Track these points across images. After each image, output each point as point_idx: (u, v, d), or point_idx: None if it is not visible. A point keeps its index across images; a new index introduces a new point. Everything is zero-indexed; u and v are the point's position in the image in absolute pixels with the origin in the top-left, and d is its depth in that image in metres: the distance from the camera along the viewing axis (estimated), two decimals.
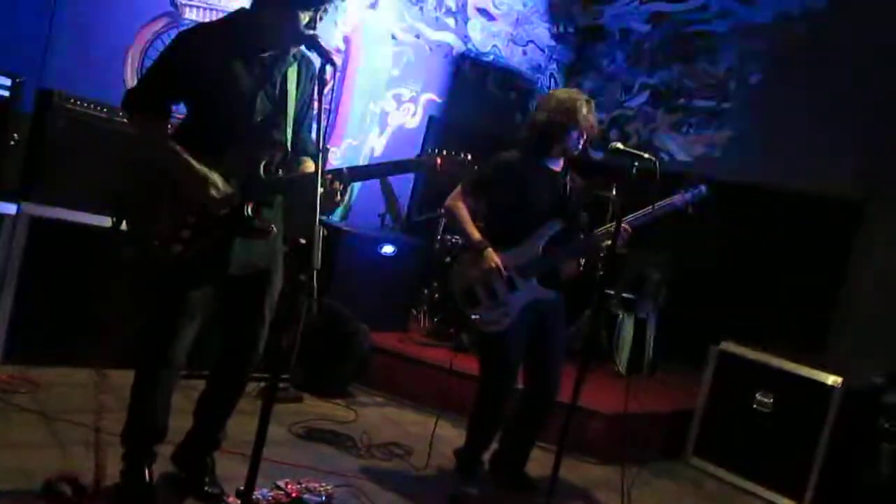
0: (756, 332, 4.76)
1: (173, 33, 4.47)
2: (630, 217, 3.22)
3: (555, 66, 6.65)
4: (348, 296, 4.55)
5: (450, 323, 5.10)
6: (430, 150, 2.65)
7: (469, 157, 2.62)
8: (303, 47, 2.57)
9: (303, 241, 2.21)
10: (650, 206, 3.22)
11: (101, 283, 3.66)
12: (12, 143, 3.59)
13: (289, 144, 2.62)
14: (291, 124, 2.61)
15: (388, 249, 4.87)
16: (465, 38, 6.01)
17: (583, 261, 3.47)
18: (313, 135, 2.63)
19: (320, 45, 2.44)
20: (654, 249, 5.09)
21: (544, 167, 3.37)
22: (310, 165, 2.66)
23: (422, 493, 3.32)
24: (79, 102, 3.68)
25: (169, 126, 2.63)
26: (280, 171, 2.60)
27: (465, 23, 5.97)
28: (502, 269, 3.24)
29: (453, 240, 5.13)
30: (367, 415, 4.20)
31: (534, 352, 3.40)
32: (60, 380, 3.58)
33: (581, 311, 4.98)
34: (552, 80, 6.65)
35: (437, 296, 5.24)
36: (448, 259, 4.96)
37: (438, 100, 5.90)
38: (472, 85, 6.05)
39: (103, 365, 3.74)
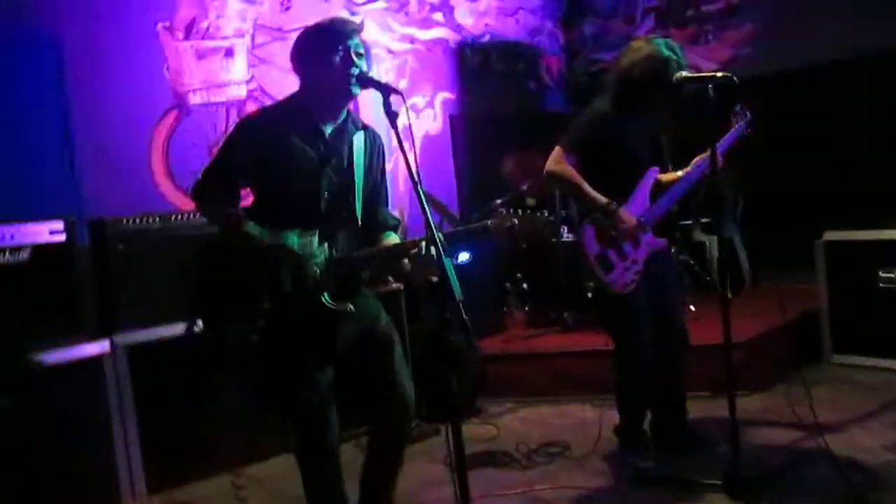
0: (851, 216, 4.58)
1: (186, 122, 4.51)
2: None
3: (550, 22, 6.49)
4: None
5: (547, 307, 4.99)
6: (502, 212, 2.41)
7: (550, 216, 2.43)
8: (365, 122, 2.55)
9: (434, 278, 2.13)
10: (730, 133, 3.09)
11: (212, 386, 3.61)
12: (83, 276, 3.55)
13: (359, 219, 2.54)
14: (361, 198, 2.53)
15: (463, 257, 4.75)
16: (458, 28, 5.88)
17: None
18: (391, 208, 2.63)
19: (373, 80, 2.37)
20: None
21: (633, 116, 3.22)
22: (391, 240, 2.59)
23: (601, 483, 3.21)
24: (130, 221, 3.62)
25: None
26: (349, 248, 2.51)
27: (452, 12, 5.84)
28: (639, 221, 3.13)
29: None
30: (507, 425, 4.10)
31: (658, 303, 3.28)
32: (204, 489, 3.54)
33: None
34: (552, 37, 6.49)
35: (524, 285, 5.11)
36: (524, 244, 4.85)
37: (452, 96, 5.77)
38: (478, 70, 5.91)
39: (237, 464, 3.70)
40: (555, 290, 4.92)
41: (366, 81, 2.37)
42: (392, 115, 2.21)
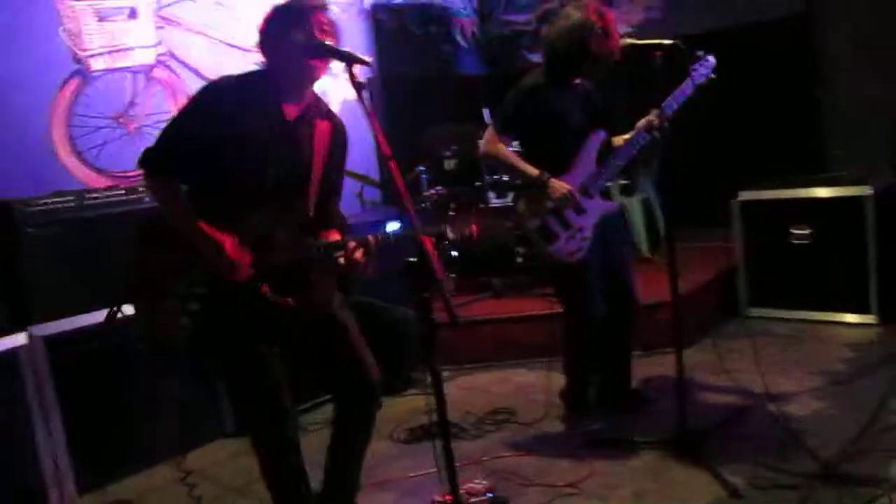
0: (759, 174, 4.78)
1: (89, 90, 4.17)
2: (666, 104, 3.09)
3: None
4: (371, 285, 4.33)
5: (475, 273, 4.99)
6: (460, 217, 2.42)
7: (508, 223, 2.42)
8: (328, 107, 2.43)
9: (412, 259, 2.05)
10: (680, 89, 3.09)
11: (139, 376, 3.41)
12: None
13: (311, 210, 2.41)
14: (316, 188, 2.40)
15: (392, 227, 4.64)
16: None
17: None
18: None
19: (335, 49, 2.23)
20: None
21: (566, 85, 3.22)
22: (332, 235, 2.46)
23: (554, 448, 3.25)
24: (38, 202, 3.31)
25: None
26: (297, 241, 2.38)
27: None
28: (573, 192, 3.13)
29: (436, 192, 4.99)
30: (448, 394, 4.04)
31: (608, 266, 3.32)
32: (147, 484, 3.36)
33: None
34: None
35: (452, 252, 5.07)
36: (451, 210, 4.82)
37: (368, 60, 5.59)
38: (394, 33, 5.76)
39: (176, 453, 3.53)
40: (483, 256, 4.91)
41: (327, 51, 2.23)
42: (358, 86, 2.09)
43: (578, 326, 3.32)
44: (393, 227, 4.74)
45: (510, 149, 3.30)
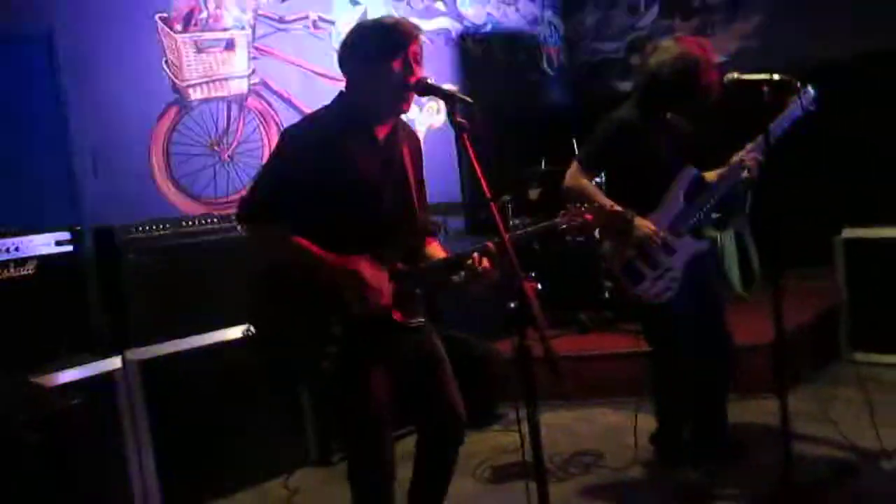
0: (868, 212, 4.53)
1: (188, 120, 4.29)
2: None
3: (550, 11, 6.34)
4: (458, 320, 4.29)
5: (561, 307, 4.88)
6: (570, 207, 2.36)
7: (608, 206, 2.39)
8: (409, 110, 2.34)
9: (512, 304, 1.99)
10: (776, 122, 2.96)
11: (228, 402, 3.44)
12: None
13: (417, 228, 2.39)
14: (419, 205, 2.38)
15: None
16: (459, 17, 5.71)
17: None
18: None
19: (436, 87, 2.20)
20: None
21: (660, 119, 3.12)
22: (437, 247, 2.43)
23: (644, 497, 3.11)
24: (138, 229, 3.41)
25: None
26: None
27: (454, 1, 5.66)
28: (657, 232, 3.00)
29: (524, 226, 4.92)
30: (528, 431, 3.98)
31: (700, 308, 3.17)
32: None
33: None
34: (551, 27, 6.35)
35: (538, 285, 4.99)
36: (536, 245, 4.74)
37: (454, 88, 5.61)
38: (480, 61, 5.75)
39: (261, 480, 3.55)
40: (569, 289, 4.81)
41: (426, 89, 2.20)
42: (460, 127, 2.04)
43: (668, 368, 3.19)
44: None
45: (596, 181, 3.23)
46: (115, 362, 3.25)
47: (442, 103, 2.11)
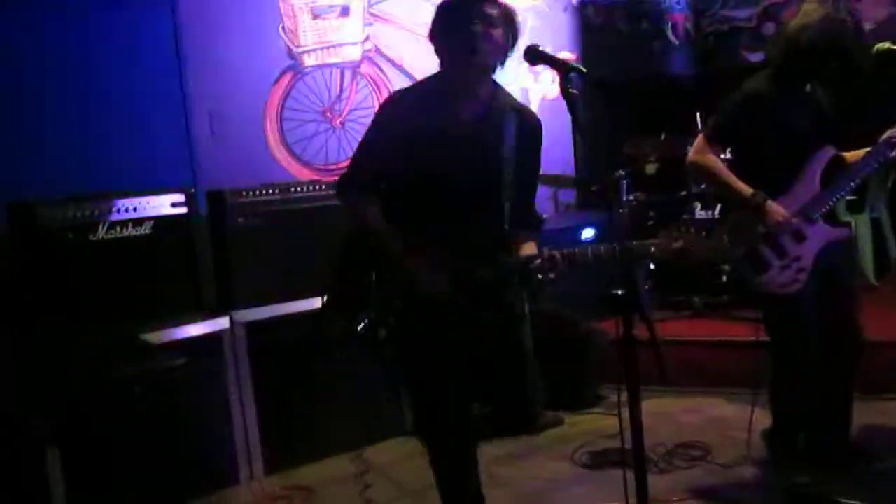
0: None
1: (301, 86, 4.32)
2: None
3: None
4: (566, 296, 4.16)
5: (674, 289, 4.67)
6: (668, 232, 2.14)
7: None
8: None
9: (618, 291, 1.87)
10: None
11: (329, 367, 3.47)
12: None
13: (506, 215, 2.26)
14: (509, 191, 2.26)
15: (588, 234, 4.46)
16: None
17: None
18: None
19: (546, 55, 2.08)
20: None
21: (798, 91, 2.84)
22: (528, 248, 2.29)
23: (755, 497, 2.92)
24: (248, 193, 3.47)
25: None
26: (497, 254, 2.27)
27: None
28: (789, 218, 2.76)
29: (635, 200, 4.72)
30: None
31: (827, 301, 2.91)
32: (327, 474, 3.43)
33: None
34: None
35: (650, 264, 4.79)
36: (650, 220, 4.55)
37: (573, 57, 5.40)
38: (601, 30, 5.52)
39: (358, 445, 3.57)
40: (684, 270, 4.57)
41: (536, 56, 2.07)
42: (572, 99, 1.92)
43: (789, 363, 2.96)
44: (588, 233, 4.58)
45: (723, 158, 3.00)
46: (222, 322, 3.35)
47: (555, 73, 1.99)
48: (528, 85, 5.26)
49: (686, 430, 3.59)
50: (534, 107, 5.23)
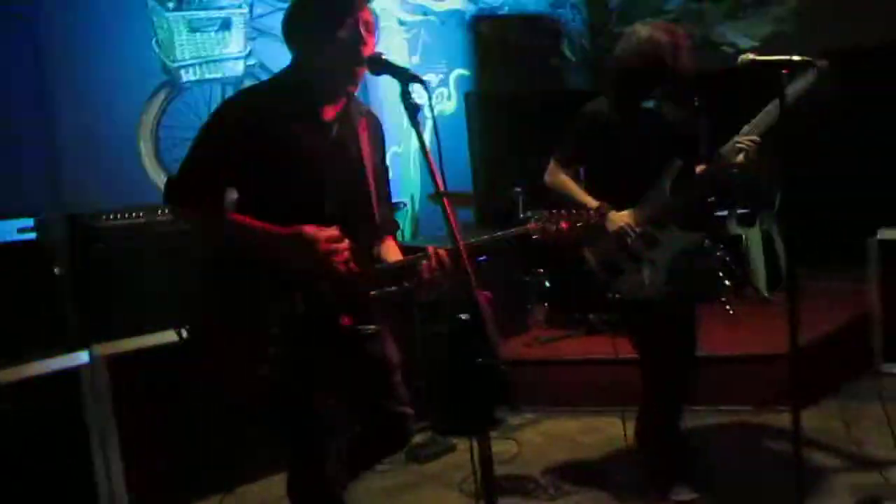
0: None
1: (178, 102, 4.10)
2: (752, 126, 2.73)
3: None
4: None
5: (570, 307, 4.61)
6: (542, 213, 2.16)
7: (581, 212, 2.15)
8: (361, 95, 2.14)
9: (463, 317, 1.75)
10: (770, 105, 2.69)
11: (196, 404, 3.24)
12: (56, 273, 3.17)
13: (377, 220, 2.15)
14: (376, 194, 2.14)
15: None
16: None
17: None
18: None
19: (390, 64, 1.96)
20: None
21: (638, 109, 2.88)
22: (391, 247, 2.22)
23: None
24: (110, 217, 3.24)
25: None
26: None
27: None
28: (631, 226, 2.80)
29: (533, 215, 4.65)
30: (529, 440, 3.73)
31: (679, 307, 2.92)
32: None
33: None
34: (574, 9, 6.03)
35: (546, 283, 4.73)
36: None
37: (468, 73, 5.34)
38: (497, 44, 5.47)
39: (233, 485, 3.35)
40: (579, 288, 4.52)
41: (380, 66, 1.96)
42: (412, 108, 1.81)
43: (661, 372, 2.92)
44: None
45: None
46: (81, 357, 3.08)
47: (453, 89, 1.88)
48: (422, 102, 5.14)
49: (581, 452, 3.51)
50: (429, 123, 5.13)
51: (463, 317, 1.75)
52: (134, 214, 3.28)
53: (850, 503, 2.79)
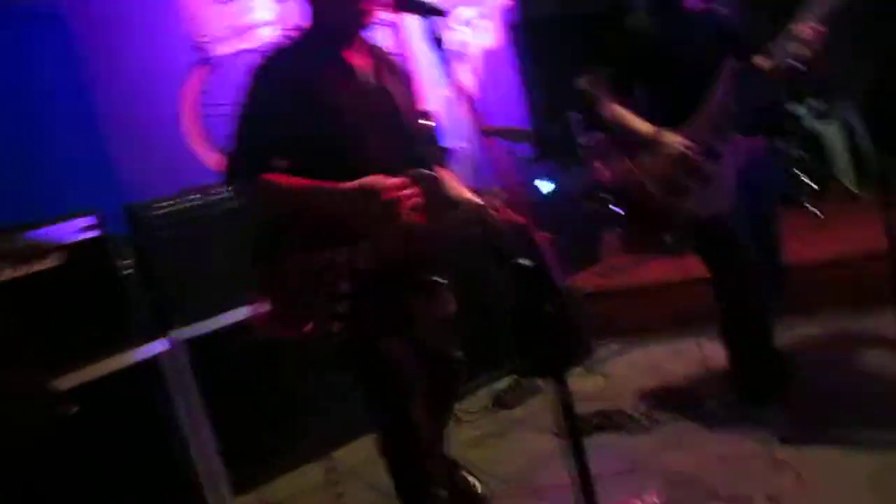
0: None
1: (217, 76, 4.04)
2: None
3: None
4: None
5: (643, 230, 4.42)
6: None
7: None
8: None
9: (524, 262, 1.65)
10: None
11: (281, 375, 3.26)
12: (126, 272, 3.19)
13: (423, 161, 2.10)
14: (416, 137, 2.11)
15: (546, 187, 4.21)
16: None
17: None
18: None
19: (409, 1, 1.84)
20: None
21: (683, 10, 2.68)
22: (454, 184, 2.18)
23: (746, 447, 2.70)
24: (165, 203, 3.22)
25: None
26: None
27: None
28: (689, 144, 2.63)
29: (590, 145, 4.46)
30: (616, 373, 3.62)
31: (754, 220, 2.78)
32: (298, 485, 3.24)
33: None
34: None
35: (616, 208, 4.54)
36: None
37: (510, 2, 5.09)
38: None
39: (325, 450, 3.37)
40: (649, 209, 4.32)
41: (402, 3, 1.85)
42: (436, 43, 1.70)
43: (738, 290, 2.79)
44: (546, 186, 4.33)
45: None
46: (160, 345, 3.12)
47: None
48: (464, 38, 4.95)
49: (672, 380, 3.38)
50: (475, 60, 4.95)
51: (523, 262, 1.62)
52: (189, 197, 3.26)
53: None
